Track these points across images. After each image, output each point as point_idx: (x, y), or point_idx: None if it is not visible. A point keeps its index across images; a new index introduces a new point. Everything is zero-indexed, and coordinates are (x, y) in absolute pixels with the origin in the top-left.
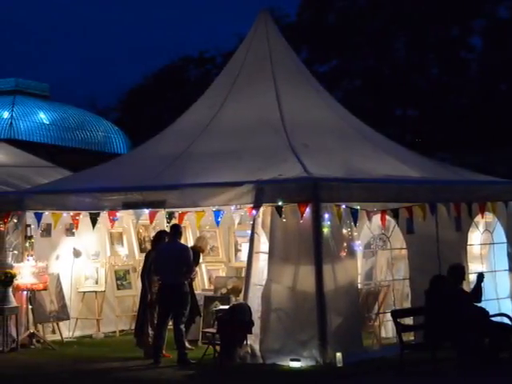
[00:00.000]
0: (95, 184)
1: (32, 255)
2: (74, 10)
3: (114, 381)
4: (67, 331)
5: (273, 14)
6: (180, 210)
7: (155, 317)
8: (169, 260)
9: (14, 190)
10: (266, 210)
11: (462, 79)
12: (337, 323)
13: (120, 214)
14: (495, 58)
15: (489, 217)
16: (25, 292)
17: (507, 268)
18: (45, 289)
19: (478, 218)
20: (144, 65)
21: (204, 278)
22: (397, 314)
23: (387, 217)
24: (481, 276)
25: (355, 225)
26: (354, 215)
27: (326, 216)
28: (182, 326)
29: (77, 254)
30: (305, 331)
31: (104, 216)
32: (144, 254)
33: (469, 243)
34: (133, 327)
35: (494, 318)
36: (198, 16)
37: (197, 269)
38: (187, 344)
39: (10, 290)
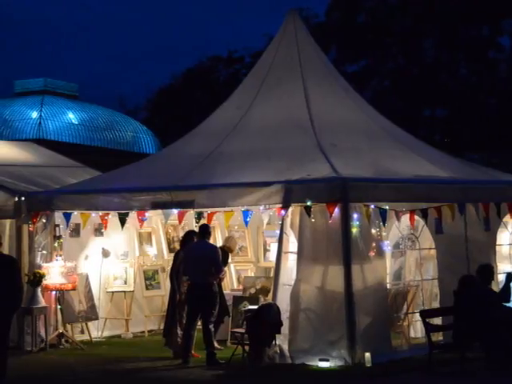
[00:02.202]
0: (124, 184)
1: (61, 255)
2: (103, 10)
3: (142, 380)
4: (96, 331)
5: (301, 14)
6: (209, 210)
7: (184, 317)
8: (198, 260)
9: (43, 189)
10: (294, 210)
11: (491, 79)
12: (365, 323)
13: (149, 214)
14: None
15: None
16: (53, 292)
17: None
18: (73, 289)
19: (507, 218)
20: (173, 64)
21: (233, 278)
22: (426, 314)
23: (416, 217)
24: (509, 276)
25: (384, 225)
26: (383, 215)
27: (355, 216)
28: (211, 326)
29: (105, 254)
30: (334, 331)
31: (133, 216)
32: (173, 254)
33: (497, 243)
34: (161, 327)
35: None
36: (227, 16)
37: (225, 269)
38: (216, 344)
39: (39, 290)
